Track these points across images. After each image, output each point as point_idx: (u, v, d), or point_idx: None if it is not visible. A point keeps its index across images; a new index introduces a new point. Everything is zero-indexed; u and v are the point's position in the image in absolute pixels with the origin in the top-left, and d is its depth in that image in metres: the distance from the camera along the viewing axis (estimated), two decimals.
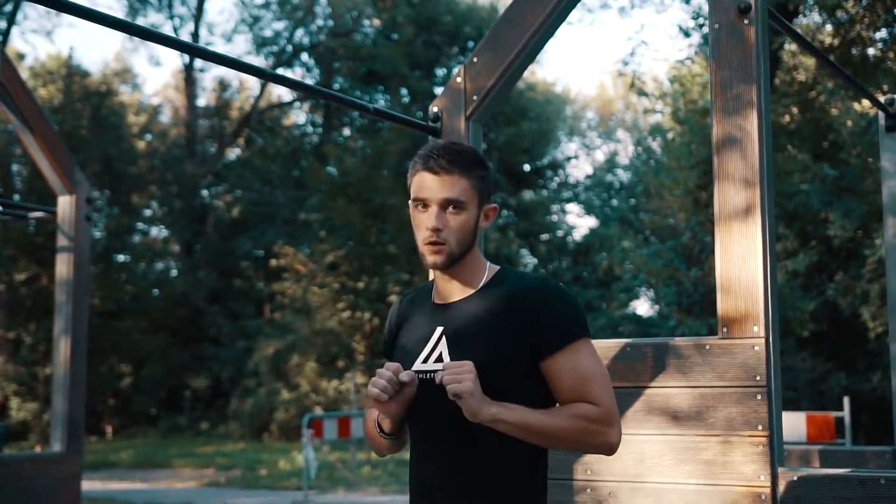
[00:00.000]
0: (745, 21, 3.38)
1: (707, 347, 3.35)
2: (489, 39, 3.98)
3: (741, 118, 3.39)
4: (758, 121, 3.37)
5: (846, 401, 11.55)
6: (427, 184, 2.33)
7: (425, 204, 2.34)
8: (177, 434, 23.97)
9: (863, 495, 3.08)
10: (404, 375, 2.24)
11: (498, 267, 2.44)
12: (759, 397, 3.24)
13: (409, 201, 2.40)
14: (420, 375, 2.32)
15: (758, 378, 3.25)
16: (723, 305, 3.35)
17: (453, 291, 2.40)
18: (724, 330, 3.33)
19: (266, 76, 3.50)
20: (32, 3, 2.64)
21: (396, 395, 2.27)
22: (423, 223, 2.33)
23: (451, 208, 2.33)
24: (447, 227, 2.31)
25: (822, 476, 3.17)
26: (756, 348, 3.26)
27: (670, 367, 3.41)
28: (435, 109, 4.00)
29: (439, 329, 2.37)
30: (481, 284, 2.39)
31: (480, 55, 3.97)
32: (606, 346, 3.57)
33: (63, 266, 6.77)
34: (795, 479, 3.18)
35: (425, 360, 2.35)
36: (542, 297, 2.32)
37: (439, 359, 2.33)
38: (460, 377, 2.17)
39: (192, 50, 3.30)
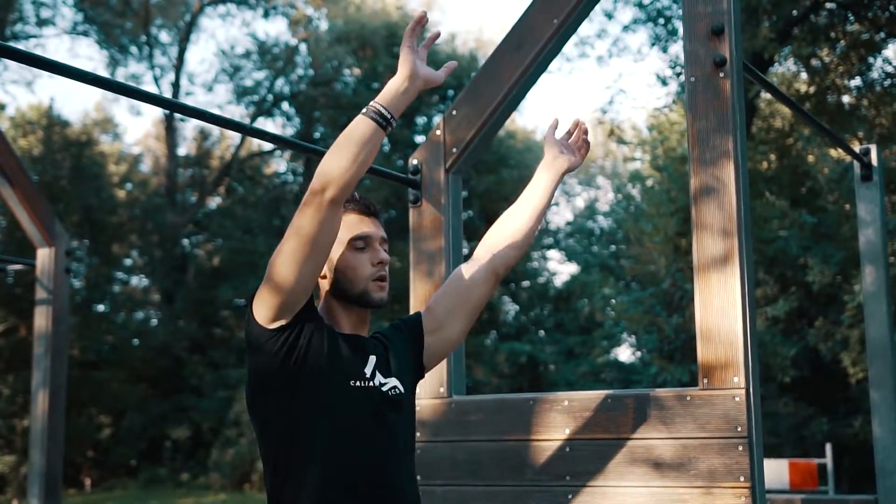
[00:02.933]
0: (721, 74, 3.42)
1: (688, 398, 3.35)
2: (468, 92, 4.01)
3: (718, 169, 3.42)
4: (734, 171, 3.39)
5: (828, 447, 11.54)
6: (364, 223, 2.49)
7: (367, 242, 2.47)
8: (157, 485, 23.69)
9: None
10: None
11: None
12: (740, 448, 3.24)
13: (340, 242, 2.47)
14: (376, 388, 2.42)
15: (739, 429, 3.25)
16: (703, 356, 3.35)
17: (363, 327, 2.56)
18: (705, 381, 3.33)
19: (244, 130, 3.52)
20: (13, 60, 2.65)
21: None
22: (368, 259, 2.46)
23: (385, 247, 2.52)
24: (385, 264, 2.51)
25: None
26: (737, 399, 3.26)
27: (652, 419, 3.41)
28: (415, 162, 4.02)
29: (373, 358, 2.47)
30: (369, 332, 2.62)
31: (460, 108, 4.00)
32: (588, 398, 3.56)
33: (42, 318, 6.73)
34: None
35: (371, 378, 2.43)
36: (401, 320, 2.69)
37: (384, 380, 2.47)
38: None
39: (170, 104, 3.31)
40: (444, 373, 3.86)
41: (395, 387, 2.46)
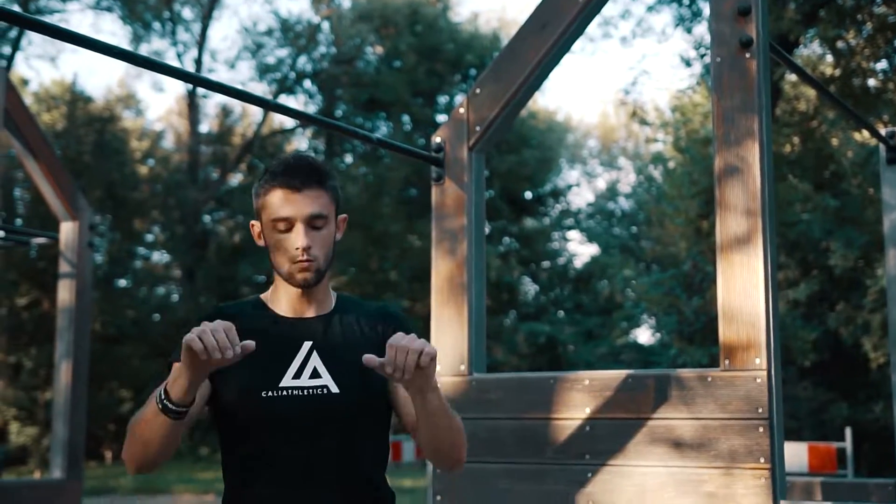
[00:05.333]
0: (747, 55, 3.40)
1: (709, 379, 3.35)
2: (492, 71, 4.00)
3: (743, 149, 3.40)
4: (759, 151, 3.38)
5: (848, 431, 11.51)
6: (288, 201, 2.21)
7: (289, 224, 2.22)
8: (176, 460, 23.85)
9: None
10: (249, 344, 1.97)
11: (334, 291, 2.41)
12: (761, 429, 3.24)
13: (262, 222, 2.27)
14: (293, 392, 2.20)
15: (760, 410, 3.24)
16: (725, 336, 3.35)
17: (309, 307, 2.31)
18: (727, 362, 3.33)
19: (268, 105, 3.52)
20: (39, 33, 2.66)
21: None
22: (290, 243, 2.22)
23: (315, 224, 2.23)
24: (314, 243, 2.23)
25: None
26: (758, 380, 3.26)
27: (673, 399, 3.41)
28: (438, 140, 4.02)
29: (307, 343, 2.26)
30: (334, 304, 2.35)
31: (483, 86, 3.99)
32: (608, 378, 3.56)
33: (65, 292, 6.78)
34: None
35: (297, 376, 2.22)
36: (398, 317, 2.35)
37: (315, 374, 2.22)
38: (421, 343, 1.99)
39: (195, 79, 3.32)
40: (465, 350, 3.87)
41: (323, 386, 2.21)
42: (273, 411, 2.20)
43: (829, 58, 14.80)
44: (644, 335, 26.89)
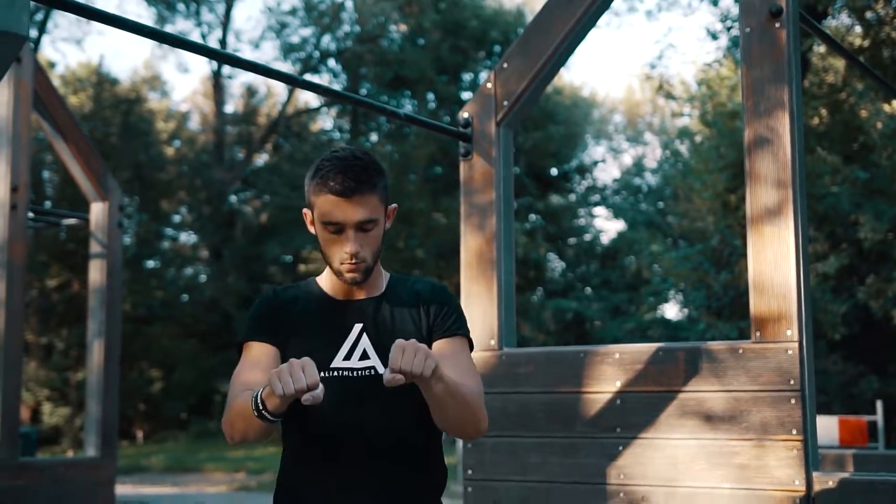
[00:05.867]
0: (777, 24, 3.38)
1: (741, 351, 3.34)
2: (519, 45, 3.99)
3: (773, 120, 3.38)
4: (789, 122, 3.36)
5: (879, 405, 11.46)
6: (339, 208, 2.24)
7: (339, 229, 2.26)
8: (207, 438, 24.08)
9: None
10: (319, 393, 2.01)
11: (387, 272, 2.46)
12: (793, 401, 3.23)
13: (313, 215, 2.31)
14: (343, 373, 2.28)
15: (792, 382, 3.24)
16: (756, 308, 3.34)
17: (361, 290, 2.38)
18: (758, 333, 3.32)
19: (297, 83, 3.53)
20: (70, 13, 2.67)
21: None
22: (339, 247, 2.27)
23: (365, 227, 2.27)
24: (364, 246, 2.28)
25: (857, 481, 3.16)
26: (790, 352, 3.25)
27: (704, 371, 3.41)
28: (465, 115, 4.02)
29: (358, 326, 2.33)
30: (385, 285, 2.41)
31: (511, 61, 3.98)
32: (639, 351, 3.56)
33: (96, 272, 6.84)
34: (831, 483, 3.16)
35: (347, 357, 2.30)
36: (444, 295, 2.40)
37: (364, 356, 2.30)
38: (423, 355, 2.03)
39: (226, 58, 3.33)
40: (494, 325, 3.88)
41: (371, 367, 2.29)
42: (324, 392, 2.23)
43: (858, 28, 14.64)
44: (672, 310, 26.80)
